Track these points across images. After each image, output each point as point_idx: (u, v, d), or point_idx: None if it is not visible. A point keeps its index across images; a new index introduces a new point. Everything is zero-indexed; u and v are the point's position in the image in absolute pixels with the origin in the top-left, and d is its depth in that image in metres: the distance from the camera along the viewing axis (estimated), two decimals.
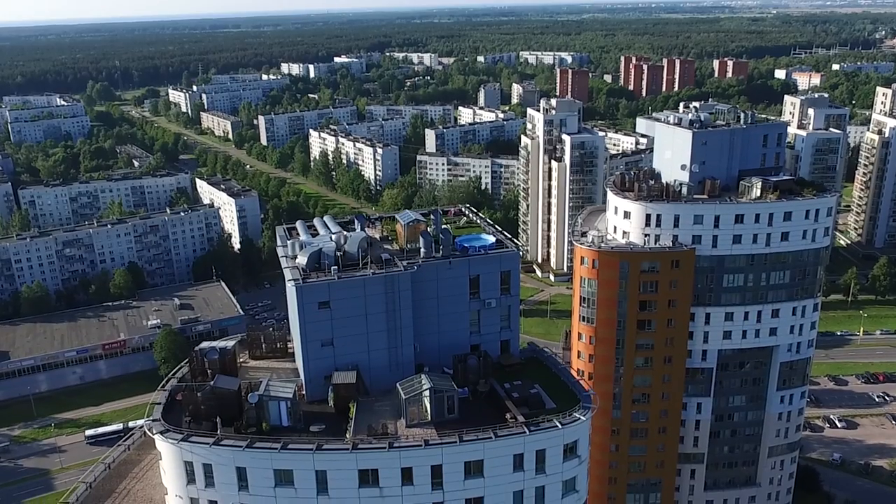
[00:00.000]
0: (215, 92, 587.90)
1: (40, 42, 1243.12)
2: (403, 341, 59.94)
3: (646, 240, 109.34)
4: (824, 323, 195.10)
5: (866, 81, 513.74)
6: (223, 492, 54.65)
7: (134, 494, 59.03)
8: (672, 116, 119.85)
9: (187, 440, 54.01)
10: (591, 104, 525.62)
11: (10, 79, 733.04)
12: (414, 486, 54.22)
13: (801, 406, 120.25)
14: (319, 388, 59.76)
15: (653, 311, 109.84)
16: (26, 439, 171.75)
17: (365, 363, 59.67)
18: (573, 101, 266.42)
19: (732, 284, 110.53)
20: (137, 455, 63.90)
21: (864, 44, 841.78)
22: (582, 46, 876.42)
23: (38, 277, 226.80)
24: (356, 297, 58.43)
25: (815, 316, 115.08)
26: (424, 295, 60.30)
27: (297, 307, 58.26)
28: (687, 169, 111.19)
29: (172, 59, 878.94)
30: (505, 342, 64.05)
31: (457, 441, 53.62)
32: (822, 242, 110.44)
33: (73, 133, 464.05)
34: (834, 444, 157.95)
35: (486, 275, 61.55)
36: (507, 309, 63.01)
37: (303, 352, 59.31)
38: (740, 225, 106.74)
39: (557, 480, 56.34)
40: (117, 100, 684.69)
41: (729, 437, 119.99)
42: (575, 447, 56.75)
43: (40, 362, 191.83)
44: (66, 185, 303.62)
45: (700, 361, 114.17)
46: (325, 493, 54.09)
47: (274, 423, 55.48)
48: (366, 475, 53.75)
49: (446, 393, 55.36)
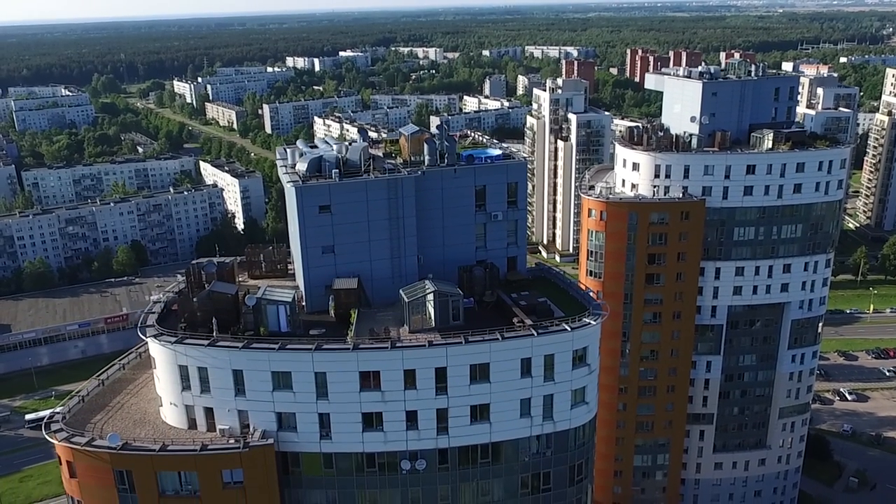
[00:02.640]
0: (220, 83, 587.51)
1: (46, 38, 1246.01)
2: (407, 251, 58.04)
3: (655, 192, 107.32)
4: (833, 301, 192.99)
5: (874, 73, 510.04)
6: (219, 397, 52.86)
7: (127, 408, 57.31)
8: (682, 70, 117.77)
9: (182, 342, 52.23)
10: (598, 95, 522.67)
11: (16, 72, 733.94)
12: (417, 390, 52.40)
13: (812, 366, 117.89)
14: (320, 298, 57.88)
15: (662, 265, 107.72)
16: (27, 410, 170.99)
17: (367, 273, 57.77)
18: (579, 80, 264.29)
19: (743, 238, 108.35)
20: (133, 374, 62.18)
21: (871, 39, 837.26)
22: (588, 41, 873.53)
23: (40, 255, 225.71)
24: (358, 201, 56.53)
25: (827, 272, 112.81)
26: (429, 205, 58.35)
27: (296, 211, 56.35)
28: (697, 121, 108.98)
29: (178, 53, 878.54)
30: (512, 259, 62.10)
31: (462, 342, 51.73)
32: (835, 195, 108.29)
33: (77, 122, 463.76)
34: (844, 416, 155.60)
35: (493, 186, 59.63)
36: (513, 224, 61.09)
37: (302, 259, 57.41)
38: (752, 176, 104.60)
39: (566, 389, 54.37)
40: (122, 92, 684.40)
41: (739, 397, 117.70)
42: (585, 355, 54.76)
43: (42, 335, 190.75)
44: (69, 168, 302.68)
45: (710, 318, 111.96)
46: (324, 398, 52.27)
47: (272, 329, 53.57)
48: (367, 378, 51.96)
49: (451, 298, 53.43)
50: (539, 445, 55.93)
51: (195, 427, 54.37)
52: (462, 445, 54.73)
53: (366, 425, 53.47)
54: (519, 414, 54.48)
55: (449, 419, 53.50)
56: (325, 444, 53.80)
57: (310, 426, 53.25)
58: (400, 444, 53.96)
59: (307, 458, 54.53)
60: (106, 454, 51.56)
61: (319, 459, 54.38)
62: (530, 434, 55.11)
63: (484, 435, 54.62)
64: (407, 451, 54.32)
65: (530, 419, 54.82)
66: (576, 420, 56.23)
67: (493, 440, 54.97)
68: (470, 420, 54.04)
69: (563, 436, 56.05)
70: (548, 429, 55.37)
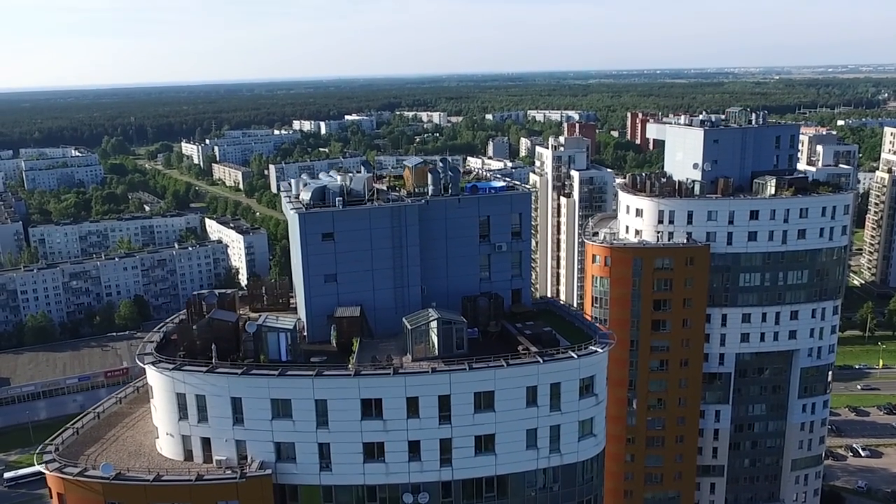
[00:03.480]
0: (227, 145, 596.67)
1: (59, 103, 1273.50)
2: (410, 281, 57.44)
3: (658, 237, 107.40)
4: (842, 357, 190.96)
5: (872, 135, 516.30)
6: (216, 427, 51.44)
7: (123, 441, 55.85)
8: (683, 119, 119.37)
9: (180, 369, 51.17)
10: (599, 156, 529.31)
11: (28, 134, 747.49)
12: (420, 418, 51.00)
13: (823, 416, 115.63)
14: (321, 328, 56.93)
15: (668, 311, 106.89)
16: (21, 465, 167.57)
17: (370, 302, 57.05)
18: (581, 138, 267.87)
19: (749, 284, 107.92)
20: (129, 408, 60.94)
21: (867, 104, 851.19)
22: (589, 106, 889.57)
23: (43, 309, 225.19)
24: (361, 229, 56.30)
25: (835, 319, 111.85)
26: (432, 235, 58.08)
27: (299, 238, 56.03)
28: (699, 168, 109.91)
29: (187, 117, 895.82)
30: (516, 291, 61.39)
31: (465, 368, 50.59)
32: (839, 241, 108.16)
33: (86, 181, 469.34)
34: (859, 473, 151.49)
35: (497, 216, 59.42)
36: (518, 255, 60.63)
37: (304, 287, 56.79)
38: (755, 221, 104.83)
39: (574, 420, 52.89)
40: (131, 154, 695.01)
41: (749, 448, 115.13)
42: (592, 384, 53.48)
43: (41, 389, 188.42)
44: (76, 224, 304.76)
45: (717, 366, 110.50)
46: (324, 426, 50.85)
47: (272, 357, 52.58)
48: (369, 406, 50.63)
49: (455, 325, 52.55)
50: (546, 479, 54.15)
51: (191, 459, 52.85)
52: (466, 478, 52.97)
53: (367, 456, 51.87)
54: (525, 445, 52.85)
55: (453, 450, 51.95)
56: (325, 476, 52.12)
57: (309, 457, 51.67)
58: (402, 476, 52.21)
59: (306, 490, 52.72)
60: (98, 485, 49.97)
61: (319, 492, 52.58)
62: (537, 467, 53.43)
63: (489, 467, 52.92)
64: (409, 484, 52.51)
65: (537, 451, 53.18)
66: (584, 453, 54.58)
67: (498, 473, 53.21)
68: (474, 451, 52.46)
69: (570, 469, 54.32)
70: (555, 462, 53.72)
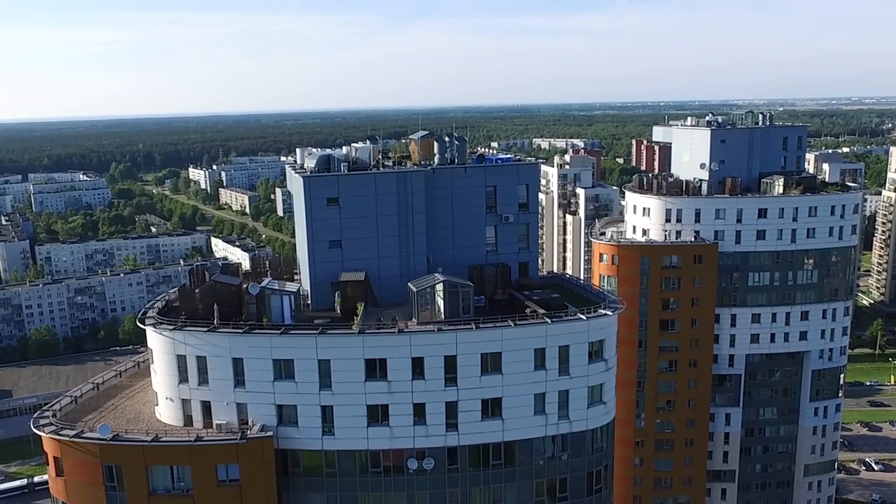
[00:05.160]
0: (234, 170, 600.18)
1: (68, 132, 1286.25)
2: (416, 249, 56.56)
3: (666, 236, 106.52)
4: (853, 374, 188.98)
5: (877, 161, 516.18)
6: (217, 389, 50.26)
7: (122, 409, 54.67)
8: (689, 120, 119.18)
9: (181, 329, 50.20)
10: (605, 181, 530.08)
11: (37, 161, 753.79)
12: (425, 380, 49.67)
13: (836, 420, 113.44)
14: (325, 296, 55.97)
15: (676, 310, 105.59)
16: (20, 476, 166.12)
17: (375, 270, 56.12)
18: (587, 156, 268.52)
19: (758, 283, 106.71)
20: (129, 381, 59.84)
21: (871, 133, 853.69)
22: (594, 134, 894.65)
23: (47, 323, 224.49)
24: (367, 194, 55.60)
25: (846, 321, 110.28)
26: (439, 205, 57.34)
27: (303, 203, 55.38)
28: (706, 168, 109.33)
29: (194, 144, 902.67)
30: (524, 264, 60.35)
31: (472, 327, 49.49)
32: (849, 241, 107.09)
33: (93, 204, 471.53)
34: (872, 487, 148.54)
35: (504, 187, 58.68)
36: (525, 228, 59.78)
37: (308, 253, 55.95)
38: (764, 220, 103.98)
39: (583, 385, 51.53)
40: (139, 180, 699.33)
41: (761, 453, 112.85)
42: (601, 349, 52.24)
43: (43, 401, 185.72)
44: (82, 243, 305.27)
45: (727, 367, 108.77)
46: (328, 388, 49.64)
47: (276, 321, 51.48)
48: (373, 366, 49.41)
49: (462, 289, 51.54)
50: (554, 448, 52.61)
51: (191, 424, 51.55)
52: (473, 444, 51.55)
53: (371, 420, 50.56)
54: (533, 410, 51.47)
55: (459, 414, 50.58)
56: (328, 441, 50.76)
57: (312, 420, 50.39)
58: (407, 440, 50.82)
59: (308, 456, 51.34)
60: (95, 446, 48.74)
61: (321, 458, 51.18)
62: (545, 434, 51.94)
63: (496, 433, 51.49)
64: (414, 449, 51.06)
65: (545, 417, 51.78)
66: (593, 421, 53.13)
67: (505, 439, 51.84)
68: (481, 416, 51.06)
69: (579, 437, 52.81)
70: (563, 429, 52.24)
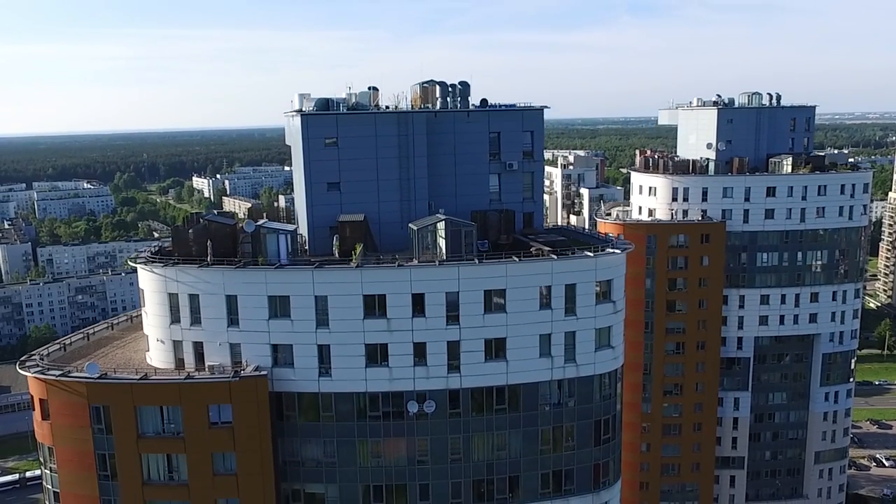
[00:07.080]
0: (238, 179, 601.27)
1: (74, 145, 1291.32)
2: (417, 194, 54.73)
3: (672, 215, 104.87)
4: (861, 374, 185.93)
5: (881, 171, 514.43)
6: (210, 329, 48.37)
7: (112, 356, 52.79)
8: (695, 101, 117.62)
9: (173, 266, 48.35)
10: None
11: (42, 171, 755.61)
12: (426, 318, 47.72)
13: (847, 406, 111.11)
14: (323, 240, 54.00)
15: (683, 291, 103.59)
16: (17, 471, 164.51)
17: (374, 215, 54.28)
18: (591, 157, 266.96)
19: (767, 264, 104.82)
20: (121, 333, 57.98)
21: (875, 145, 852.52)
22: (597, 146, 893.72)
23: (47, 322, 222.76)
24: (367, 135, 53.88)
25: (857, 303, 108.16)
26: (441, 150, 55.60)
27: (301, 143, 53.71)
28: (713, 147, 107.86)
29: (198, 156, 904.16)
30: (528, 215, 58.54)
31: (475, 261, 47.61)
32: (859, 221, 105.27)
33: (97, 211, 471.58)
34: (883, 482, 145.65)
35: (508, 133, 56.94)
36: (530, 177, 58.01)
37: (306, 196, 54.12)
38: (772, 198, 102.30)
39: (590, 327, 49.49)
40: (143, 190, 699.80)
41: (770, 439, 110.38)
42: (609, 290, 50.23)
43: None
44: (84, 245, 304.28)
45: (736, 350, 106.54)
46: (325, 326, 47.72)
47: (272, 260, 49.63)
48: (371, 303, 47.49)
49: (464, 228, 49.67)
50: (560, 394, 50.51)
51: (182, 367, 49.61)
52: (476, 387, 49.47)
53: (369, 360, 48.53)
54: (538, 352, 49.42)
55: (461, 354, 48.52)
56: (325, 383, 48.71)
57: (308, 360, 48.37)
58: (407, 382, 48.75)
59: (304, 399, 49.26)
60: (82, 386, 46.92)
61: (317, 401, 49.13)
62: (551, 377, 49.84)
63: (500, 375, 49.41)
64: (414, 392, 48.96)
65: (551, 360, 49.68)
66: (600, 366, 51.02)
67: (509, 382, 49.71)
68: (484, 356, 49.04)
69: (586, 383, 50.69)
70: (570, 373, 50.13)
